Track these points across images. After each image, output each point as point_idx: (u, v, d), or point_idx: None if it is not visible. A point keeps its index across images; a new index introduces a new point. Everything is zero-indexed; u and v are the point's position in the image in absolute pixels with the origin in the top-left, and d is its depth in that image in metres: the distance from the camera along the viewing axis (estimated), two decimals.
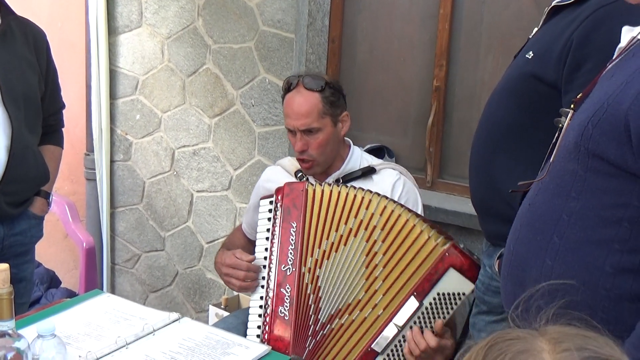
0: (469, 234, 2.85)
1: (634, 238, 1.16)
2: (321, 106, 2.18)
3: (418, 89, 3.12)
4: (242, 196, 3.52)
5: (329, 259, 2.00)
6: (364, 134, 3.25)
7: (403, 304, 1.94)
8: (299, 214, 2.03)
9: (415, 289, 1.93)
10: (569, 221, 1.21)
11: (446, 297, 1.93)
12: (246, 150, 3.46)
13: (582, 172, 1.21)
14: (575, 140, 1.23)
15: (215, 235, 3.66)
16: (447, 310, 1.93)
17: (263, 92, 3.36)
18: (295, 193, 2.07)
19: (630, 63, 1.21)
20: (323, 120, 2.19)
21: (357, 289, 1.99)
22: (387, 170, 2.29)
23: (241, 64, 3.40)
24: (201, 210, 3.67)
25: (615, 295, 1.17)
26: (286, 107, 2.22)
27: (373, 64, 3.25)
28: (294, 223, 2.03)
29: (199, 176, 3.65)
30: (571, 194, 1.22)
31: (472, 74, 3.00)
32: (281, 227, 2.04)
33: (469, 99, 3.01)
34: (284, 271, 2.02)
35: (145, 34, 3.70)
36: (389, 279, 1.97)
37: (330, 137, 2.21)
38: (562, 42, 1.70)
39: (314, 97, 2.17)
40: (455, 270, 1.94)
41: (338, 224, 2.00)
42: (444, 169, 3.11)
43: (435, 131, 3.05)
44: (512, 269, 1.31)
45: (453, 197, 3.02)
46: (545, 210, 1.27)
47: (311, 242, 2.01)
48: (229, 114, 3.48)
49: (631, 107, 1.12)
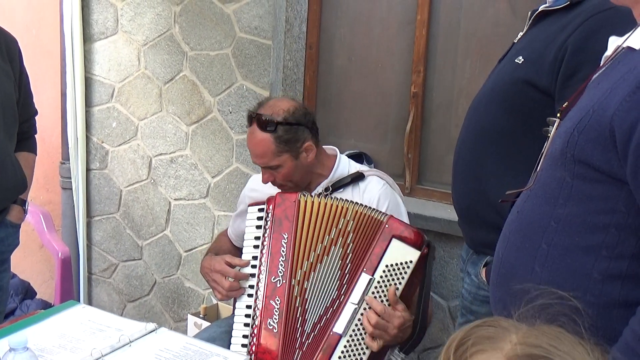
0: (448, 240, 2.85)
1: (621, 244, 1.16)
2: (274, 147, 2.13)
3: (396, 95, 3.12)
4: (221, 204, 3.48)
5: (315, 271, 2.00)
6: (343, 141, 3.23)
7: (357, 281, 1.96)
8: (290, 226, 2.03)
9: (365, 266, 1.96)
10: (557, 228, 1.21)
11: (395, 267, 1.95)
12: (224, 158, 3.43)
13: (569, 179, 1.21)
14: (561, 147, 1.22)
15: (193, 243, 3.62)
16: (398, 280, 1.95)
17: (240, 99, 3.33)
18: (288, 204, 2.06)
19: (615, 71, 1.21)
20: (280, 158, 2.15)
21: (333, 291, 2.00)
22: (373, 177, 2.29)
23: (218, 70, 3.37)
24: (179, 219, 3.64)
25: (604, 301, 1.17)
26: (247, 143, 2.19)
27: (351, 70, 3.23)
28: (285, 234, 2.03)
29: (177, 184, 3.61)
30: (559, 201, 1.22)
31: (449, 80, 2.99)
32: (272, 237, 2.04)
33: (447, 105, 3.00)
34: (274, 283, 2.00)
35: (121, 41, 3.65)
36: (353, 269, 2.00)
37: (294, 169, 2.18)
38: (555, 47, 1.69)
39: (266, 139, 2.12)
40: (397, 240, 1.96)
41: (323, 235, 2.01)
42: (423, 175, 3.09)
43: (413, 137, 3.03)
44: (501, 276, 1.30)
45: (431, 203, 3.01)
46: (534, 218, 1.26)
47: (301, 255, 2.01)
48: (207, 121, 3.45)
49: (616, 113, 1.12)
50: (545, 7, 1.83)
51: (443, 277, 2.88)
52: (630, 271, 1.16)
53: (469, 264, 1.96)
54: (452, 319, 2.88)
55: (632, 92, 1.12)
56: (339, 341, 1.95)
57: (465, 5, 2.92)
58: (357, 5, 3.18)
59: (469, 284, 1.94)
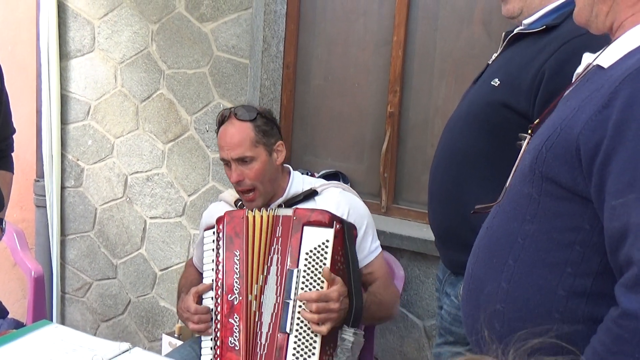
0: (424, 259, 2.86)
1: (586, 261, 1.17)
2: (253, 135, 2.16)
3: (373, 115, 3.14)
4: (197, 222, 3.47)
5: (267, 284, 2.02)
6: (319, 160, 3.24)
7: (285, 278, 1.99)
8: (241, 242, 2.05)
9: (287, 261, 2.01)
10: (524, 244, 1.22)
11: (315, 251, 1.98)
12: (200, 176, 3.43)
13: (536, 195, 1.22)
14: (530, 163, 1.23)
15: (168, 262, 3.61)
16: (322, 262, 1.97)
17: (217, 118, 3.31)
18: (236, 220, 2.08)
19: (584, 89, 1.22)
20: (256, 149, 2.17)
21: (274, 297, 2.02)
22: (329, 189, 2.28)
23: (195, 89, 3.37)
24: (154, 237, 3.62)
25: (568, 318, 1.17)
26: (220, 139, 2.21)
27: (328, 90, 3.26)
28: (237, 251, 2.04)
29: (153, 202, 3.60)
30: (526, 217, 1.23)
31: (425, 100, 3.02)
32: (225, 256, 2.05)
33: (423, 125, 3.03)
34: (231, 301, 2.02)
35: (98, 58, 3.65)
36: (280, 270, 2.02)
37: (266, 166, 2.20)
38: (532, 71, 1.69)
39: (246, 127, 2.16)
40: (308, 226, 2.00)
41: (270, 248, 2.05)
42: (399, 195, 3.11)
43: (389, 157, 3.05)
44: (471, 291, 1.31)
45: (407, 223, 3.02)
46: (502, 233, 1.27)
47: (255, 269, 2.03)
48: (183, 140, 3.45)
49: (582, 131, 1.13)
50: (521, 29, 1.83)
51: (419, 296, 2.89)
52: (595, 288, 1.17)
53: (447, 285, 1.96)
54: (428, 338, 2.88)
55: (597, 112, 1.12)
56: (288, 339, 1.96)
57: (440, 27, 2.96)
58: (335, 25, 3.20)
59: (449, 305, 1.94)
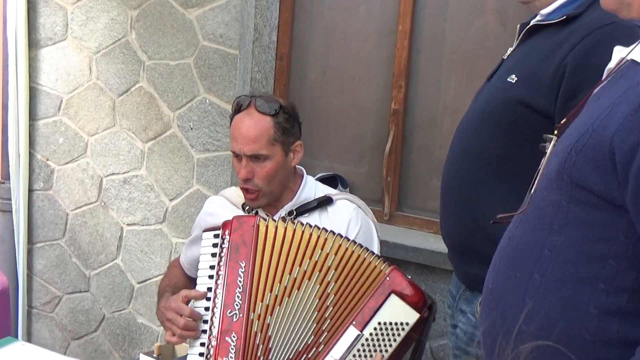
0: (431, 273, 2.85)
1: (620, 276, 1.15)
2: (272, 132, 2.15)
3: (375, 112, 3.13)
4: (179, 230, 3.45)
5: (281, 305, 1.96)
6: (315, 162, 3.23)
7: (342, 334, 1.92)
8: (248, 252, 1.99)
9: (354, 318, 1.93)
10: (551, 257, 1.20)
11: (388, 327, 1.91)
12: (183, 179, 3.41)
13: (565, 203, 1.20)
14: (557, 168, 1.21)
15: (147, 274, 3.58)
16: (389, 343, 1.91)
17: (203, 114, 3.32)
18: (245, 228, 2.03)
19: (617, 86, 1.20)
20: (273, 148, 2.16)
21: (308, 335, 1.96)
22: (343, 202, 2.27)
23: (179, 82, 3.36)
24: (132, 246, 3.60)
25: (600, 339, 1.16)
26: (234, 129, 2.19)
27: (325, 85, 3.25)
28: (242, 262, 1.99)
29: (130, 207, 3.58)
30: (553, 227, 1.21)
31: (433, 96, 3.01)
32: (227, 265, 2.00)
33: (430, 123, 3.02)
34: (230, 317, 1.96)
35: (71, 47, 3.63)
36: (337, 316, 1.95)
37: (280, 168, 2.19)
38: (552, 66, 1.69)
39: (265, 121, 2.15)
40: (397, 297, 1.92)
41: (292, 266, 1.98)
42: (403, 201, 3.10)
43: (393, 158, 3.04)
44: (490, 309, 1.29)
45: (413, 232, 3.01)
46: (526, 244, 1.25)
47: (262, 286, 1.98)
48: (165, 138, 3.44)
49: (616, 132, 1.11)
50: (538, 21, 1.83)
51: None
52: (630, 307, 1.15)
53: (462, 301, 1.96)
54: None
55: (634, 111, 1.11)
56: None
57: (450, 16, 2.95)
58: (333, 13, 3.19)
59: (465, 323, 1.93)
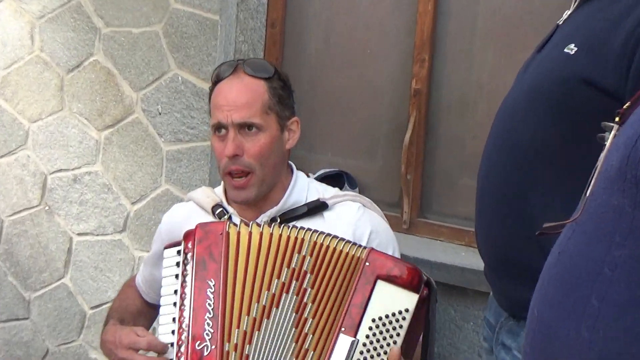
0: (462, 296, 2.84)
1: None
2: (267, 98, 2.16)
3: (391, 93, 3.11)
4: (143, 241, 3.45)
5: (260, 330, 1.98)
6: (316, 155, 3.23)
7: (333, 347, 1.94)
8: (218, 268, 2.01)
9: (342, 323, 1.94)
10: (612, 276, 1.19)
11: (385, 321, 1.94)
12: (149, 177, 3.42)
13: (629, 208, 1.18)
14: (619, 164, 1.20)
15: (103, 297, 3.58)
16: (392, 339, 1.93)
17: (174, 95, 3.32)
18: (212, 238, 2.05)
19: None
20: (267, 118, 2.16)
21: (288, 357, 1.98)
22: (344, 204, 2.25)
23: (144, 55, 3.36)
24: (84, 262, 3.60)
25: None
26: (217, 96, 2.18)
27: (329, 58, 3.23)
28: (211, 281, 2.01)
29: (82, 213, 3.58)
30: (615, 239, 1.19)
31: (464, 73, 3.00)
32: (193, 287, 2.02)
33: (461, 108, 3.01)
34: (200, 350, 1.97)
35: (8, 11, 3.63)
36: (320, 328, 1.97)
37: (274, 145, 2.18)
38: (623, 34, 1.68)
39: (258, 85, 2.17)
40: (385, 282, 1.94)
41: (270, 279, 2.00)
42: (427, 204, 3.09)
43: (414, 151, 3.02)
44: (537, 341, 1.28)
45: (439, 244, 3.00)
46: (580, 261, 1.24)
47: (237, 308, 1.99)
48: (126, 126, 3.44)
49: None
50: None
51: (454, 347, 2.87)
52: None
53: (505, 334, 1.94)
54: None
55: None
56: None
57: None
58: None
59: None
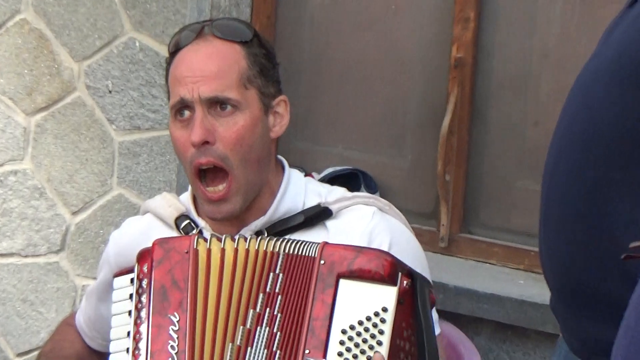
0: (520, 338, 2.86)
1: None
2: (245, 66, 2.16)
3: (424, 65, 3.10)
4: (88, 265, 3.43)
5: None
6: (322, 149, 3.25)
7: None
8: (183, 298, 2.05)
9: (305, 345, 1.99)
10: None
11: (360, 330, 1.98)
12: (96, 178, 3.39)
13: None
14: None
15: (33, 340, 3.56)
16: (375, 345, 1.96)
17: (130, 67, 3.31)
18: (175, 258, 2.08)
19: None
20: (246, 93, 2.15)
21: None
22: (354, 209, 2.26)
23: (88, 12, 3.34)
24: (8, 292, 3.57)
25: None
26: (177, 68, 2.19)
27: (338, 19, 3.23)
28: (174, 316, 2.05)
29: (5, 227, 3.56)
30: None
31: (522, 38, 2.99)
32: (151, 324, 2.06)
33: (518, 83, 2.99)
34: None
35: None
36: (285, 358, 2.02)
37: (257, 130, 2.18)
38: None
39: (233, 50, 2.18)
40: (349, 280, 1.99)
41: (246, 310, 2.06)
42: (472, 215, 3.09)
43: (455, 143, 3.01)
44: None
45: (488, 269, 3.01)
46: None
47: (208, 352, 2.04)
48: (64, 108, 3.42)
49: None
50: None
51: None
52: None
53: None
54: None
55: None
56: None
57: None
58: None
59: None
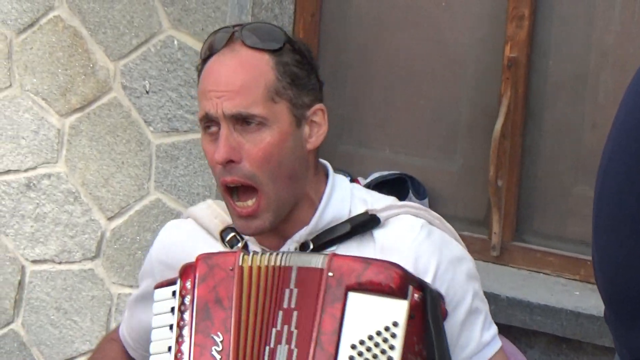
0: (576, 351, 2.95)
1: None
2: (273, 78, 2.10)
3: (475, 63, 3.07)
4: (124, 272, 3.40)
5: None
6: (368, 152, 3.21)
7: None
8: (226, 317, 2.05)
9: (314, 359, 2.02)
10: None
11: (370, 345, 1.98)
12: (133, 182, 3.35)
13: None
14: None
15: (67, 350, 3.53)
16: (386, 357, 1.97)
17: (168, 67, 3.27)
18: (219, 275, 2.07)
19: None
20: (274, 107, 2.09)
21: None
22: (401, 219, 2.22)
23: (125, 9, 3.30)
24: (41, 300, 3.53)
25: None
26: (204, 80, 2.15)
27: (385, 18, 3.18)
28: (217, 336, 2.05)
29: (38, 232, 3.52)
30: None
31: (580, 35, 2.94)
32: (193, 344, 2.06)
33: (576, 84, 2.94)
34: None
35: None
36: None
37: (286, 145, 2.12)
38: None
39: (261, 61, 2.12)
40: (358, 293, 2.00)
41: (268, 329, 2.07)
42: (526, 222, 3.07)
43: (508, 147, 2.98)
44: None
45: (542, 279, 3.04)
46: None
47: None
48: (100, 109, 3.38)
49: None
50: None
51: None
52: None
53: None
54: None
55: None
56: None
57: None
58: None
59: None
